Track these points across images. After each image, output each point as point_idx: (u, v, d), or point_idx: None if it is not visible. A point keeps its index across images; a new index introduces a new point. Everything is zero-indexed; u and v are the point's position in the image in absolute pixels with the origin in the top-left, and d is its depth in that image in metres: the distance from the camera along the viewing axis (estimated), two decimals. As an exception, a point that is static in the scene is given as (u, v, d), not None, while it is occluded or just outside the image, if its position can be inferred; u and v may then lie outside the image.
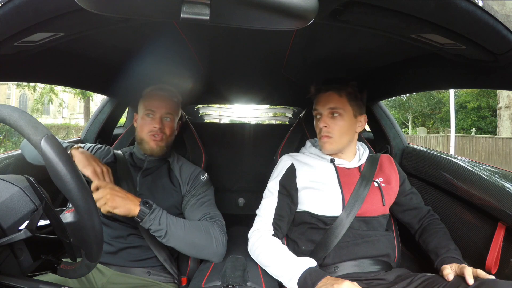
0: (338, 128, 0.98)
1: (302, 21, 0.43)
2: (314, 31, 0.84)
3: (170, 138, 1.09)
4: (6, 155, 1.20)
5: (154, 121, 1.05)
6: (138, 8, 0.44)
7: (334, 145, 1.00)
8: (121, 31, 0.85)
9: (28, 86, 11.56)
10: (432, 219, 1.03)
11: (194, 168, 1.13)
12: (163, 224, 0.86)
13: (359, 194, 0.96)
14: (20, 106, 17.25)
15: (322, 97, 1.00)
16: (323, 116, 0.99)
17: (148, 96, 1.08)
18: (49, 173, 0.46)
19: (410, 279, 0.84)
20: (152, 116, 1.05)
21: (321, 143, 1.02)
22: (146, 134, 1.05)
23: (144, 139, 1.06)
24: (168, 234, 0.87)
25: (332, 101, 0.98)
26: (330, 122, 0.98)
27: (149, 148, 1.05)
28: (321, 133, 1.00)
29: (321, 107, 1.00)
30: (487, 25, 0.52)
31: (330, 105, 0.98)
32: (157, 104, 1.05)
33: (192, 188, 1.07)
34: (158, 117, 1.05)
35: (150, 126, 1.04)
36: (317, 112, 1.02)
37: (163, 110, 1.06)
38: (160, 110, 1.05)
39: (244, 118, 3.49)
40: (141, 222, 0.84)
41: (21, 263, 0.52)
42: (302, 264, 0.80)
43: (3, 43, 0.59)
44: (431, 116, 16.09)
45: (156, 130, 1.04)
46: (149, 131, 1.04)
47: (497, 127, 10.87)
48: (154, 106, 1.05)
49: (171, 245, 0.89)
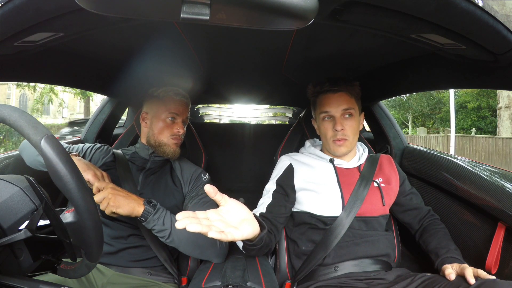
0: (352, 129, 0.98)
1: (302, 21, 0.43)
2: (314, 31, 0.84)
3: (183, 140, 1.13)
4: (6, 155, 1.20)
5: (177, 125, 1.07)
6: (138, 8, 0.44)
7: (350, 147, 0.99)
8: (121, 31, 0.85)
9: (28, 86, 11.55)
10: (432, 219, 1.03)
11: (196, 168, 1.13)
12: (167, 224, 0.86)
13: (358, 194, 0.95)
14: (20, 106, 17.25)
15: (333, 98, 0.98)
16: (338, 118, 0.97)
17: (170, 100, 1.09)
18: (49, 173, 0.46)
19: (411, 279, 0.84)
20: (175, 120, 1.07)
21: (335, 147, 0.99)
22: (168, 138, 1.06)
23: (165, 142, 1.06)
24: (172, 234, 0.86)
25: (344, 101, 0.97)
26: (344, 123, 0.97)
27: (171, 151, 1.06)
28: (336, 136, 0.97)
29: (334, 109, 0.97)
30: (487, 25, 0.52)
31: (344, 106, 0.97)
32: (182, 109, 1.08)
33: (194, 188, 1.07)
34: (181, 122, 1.08)
35: (174, 130, 1.06)
36: (329, 114, 0.98)
37: (185, 115, 1.10)
38: (183, 115, 1.09)
39: (244, 118, 3.49)
40: (145, 222, 0.84)
41: (21, 263, 0.52)
42: None
43: (3, 43, 0.59)
44: (431, 116, 16.09)
45: (180, 134, 1.06)
46: (172, 135, 1.06)
47: (497, 127, 10.87)
48: (179, 111, 1.07)
49: (174, 245, 0.89)
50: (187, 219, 0.55)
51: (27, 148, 1.05)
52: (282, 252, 1.07)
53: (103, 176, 0.90)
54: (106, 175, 0.92)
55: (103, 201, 0.79)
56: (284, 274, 1.04)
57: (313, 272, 0.93)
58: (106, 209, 0.79)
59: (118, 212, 0.79)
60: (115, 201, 0.79)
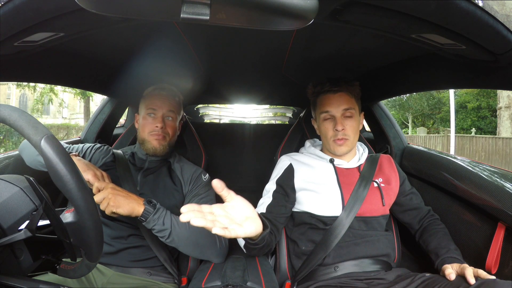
0: (352, 129, 0.98)
1: (302, 21, 0.43)
2: (314, 31, 0.84)
3: (172, 138, 1.09)
4: (6, 155, 1.20)
5: (155, 120, 1.04)
6: (138, 8, 0.44)
7: (350, 146, 1.00)
8: (121, 31, 0.85)
9: (28, 86, 11.56)
10: (432, 219, 1.03)
11: (196, 169, 1.13)
12: (167, 224, 0.86)
13: (358, 194, 0.95)
14: (20, 106, 17.25)
15: (333, 98, 0.98)
16: (338, 118, 0.97)
17: (149, 96, 1.08)
18: (49, 173, 0.46)
19: (411, 279, 0.84)
20: (154, 115, 1.05)
21: (335, 146, 0.99)
22: (148, 134, 1.04)
23: (146, 139, 1.05)
24: (172, 234, 0.86)
25: (345, 101, 0.98)
26: (345, 123, 0.97)
27: (151, 148, 1.05)
28: (337, 135, 0.97)
29: (335, 109, 0.97)
30: (487, 25, 0.52)
31: (344, 106, 0.97)
32: (159, 103, 1.05)
33: (194, 188, 1.07)
34: (160, 116, 1.04)
35: (152, 125, 1.04)
36: (329, 114, 0.99)
37: (165, 109, 1.05)
38: (161, 109, 1.04)
39: (244, 118, 3.49)
40: (145, 222, 0.84)
41: (21, 263, 0.52)
42: None
43: (3, 43, 0.59)
44: (431, 116, 16.09)
45: (158, 129, 1.03)
46: (151, 131, 1.04)
47: (497, 127, 10.87)
48: (156, 105, 1.04)
49: (174, 245, 0.89)
50: (192, 212, 0.55)
51: (27, 148, 1.05)
52: (282, 252, 1.07)
53: (103, 176, 0.90)
54: (106, 175, 0.91)
55: (103, 201, 0.79)
56: (284, 274, 1.04)
57: (313, 272, 0.93)
58: (106, 209, 0.78)
59: (118, 212, 0.79)
60: (115, 201, 0.79)
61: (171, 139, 1.08)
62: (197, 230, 0.90)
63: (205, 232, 0.91)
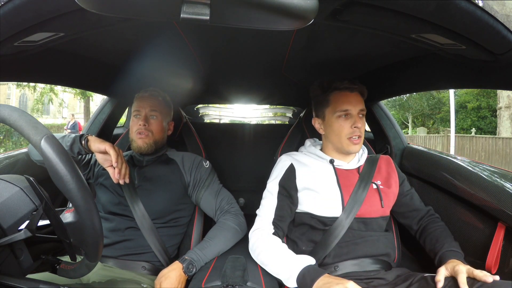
0: (363, 129, 1.00)
1: (302, 21, 0.43)
2: (314, 31, 0.84)
3: (158, 136, 1.11)
4: (6, 155, 1.20)
5: (140, 120, 1.09)
6: (138, 8, 0.44)
7: (361, 145, 1.01)
8: (121, 32, 0.85)
9: (28, 86, 11.56)
10: (431, 218, 1.03)
11: (196, 157, 1.17)
12: (209, 256, 0.94)
13: (358, 196, 0.96)
14: (20, 106, 17.25)
15: (351, 96, 0.98)
16: (356, 117, 0.97)
17: (135, 100, 1.13)
18: (49, 173, 0.46)
19: (411, 279, 0.84)
20: (139, 116, 1.10)
21: (350, 145, 0.98)
22: (134, 133, 1.08)
23: (133, 139, 1.09)
24: (218, 253, 0.96)
25: (360, 102, 0.99)
26: (360, 123, 0.98)
27: (136, 146, 1.08)
28: (354, 133, 0.97)
29: (353, 107, 0.97)
30: (487, 25, 0.52)
31: (361, 107, 0.99)
32: (142, 104, 1.10)
33: (196, 174, 1.10)
34: (143, 116, 1.09)
35: (137, 125, 1.08)
36: (347, 112, 0.98)
37: (147, 108, 1.10)
38: (144, 109, 1.10)
39: (244, 118, 3.49)
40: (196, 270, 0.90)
41: (21, 263, 0.52)
42: (301, 262, 0.80)
43: (3, 43, 0.59)
44: (431, 116, 16.09)
45: (141, 127, 1.07)
46: (136, 130, 1.08)
47: (497, 127, 10.87)
48: (139, 106, 1.10)
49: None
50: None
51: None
52: (282, 252, 1.06)
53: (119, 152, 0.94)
54: (121, 152, 0.96)
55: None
56: (284, 274, 1.04)
57: (313, 272, 0.93)
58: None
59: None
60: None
61: (156, 137, 1.10)
62: (224, 237, 0.99)
63: (230, 232, 1.01)
